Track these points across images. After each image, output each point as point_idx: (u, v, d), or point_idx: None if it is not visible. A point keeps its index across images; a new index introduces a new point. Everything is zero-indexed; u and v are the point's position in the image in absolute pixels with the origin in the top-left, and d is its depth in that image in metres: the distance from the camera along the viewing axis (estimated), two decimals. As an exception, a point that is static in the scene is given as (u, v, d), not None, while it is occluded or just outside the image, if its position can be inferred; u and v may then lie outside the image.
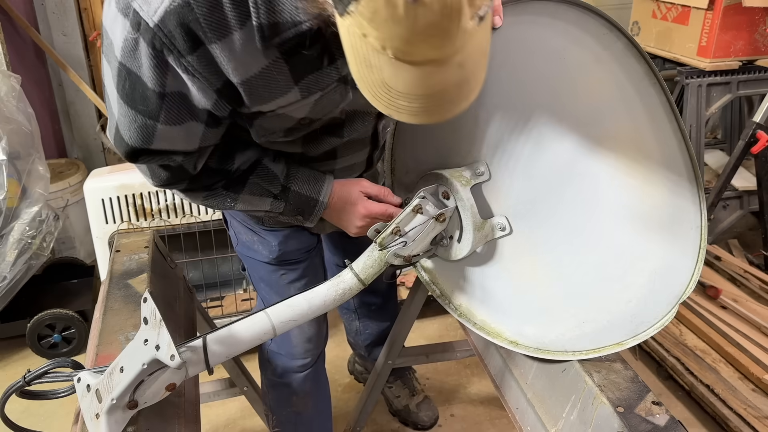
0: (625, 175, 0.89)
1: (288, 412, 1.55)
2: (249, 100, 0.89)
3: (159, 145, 0.93)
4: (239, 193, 1.06)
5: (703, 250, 0.87)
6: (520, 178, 0.99)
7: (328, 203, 1.08)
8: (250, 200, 1.07)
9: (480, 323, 1.14)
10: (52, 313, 2.25)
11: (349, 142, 1.10)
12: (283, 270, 1.31)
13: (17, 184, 2.13)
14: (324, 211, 1.09)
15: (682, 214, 0.87)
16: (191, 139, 0.94)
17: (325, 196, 1.08)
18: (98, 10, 3.09)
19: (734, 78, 2.51)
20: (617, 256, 0.92)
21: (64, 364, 0.96)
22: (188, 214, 1.94)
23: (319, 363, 1.51)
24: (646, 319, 0.93)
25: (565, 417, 0.99)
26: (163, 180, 1.01)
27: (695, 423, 1.94)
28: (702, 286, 2.29)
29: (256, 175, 1.05)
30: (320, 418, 1.61)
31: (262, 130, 0.98)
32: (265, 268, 1.31)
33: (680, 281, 0.89)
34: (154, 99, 0.87)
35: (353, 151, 1.13)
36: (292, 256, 1.29)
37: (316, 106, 0.95)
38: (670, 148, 0.86)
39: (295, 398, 1.51)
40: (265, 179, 1.06)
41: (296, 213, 1.09)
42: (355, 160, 1.16)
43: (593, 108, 0.90)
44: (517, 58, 0.97)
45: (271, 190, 1.06)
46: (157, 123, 0.90)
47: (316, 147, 1.07)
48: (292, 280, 1.32)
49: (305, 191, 1.07)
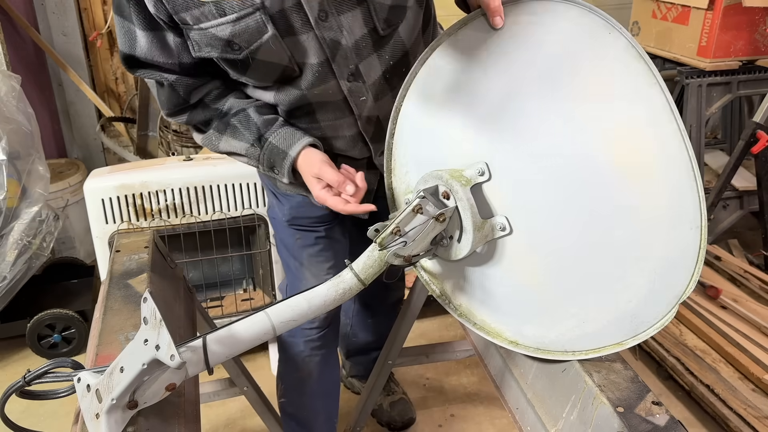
0: (625, 175, 0.89)
1: (294, 378, 1.58)
2: (170, 5, 1.05)
3: (142, 52, 1.13)
4: (223, 133, 1.21)
5: (703, 250, 0.87)
6: (521, 178, 0.99)
7: (295, 159, 1.16)
8: (230, 142, 1.21)
9: (480, 323, 1.14)
10: (52, 313, 2.25)
11: (321, 104, 1.19)
12: (298, 234, 1.43)
13: (17, 184, 2.13)
14: (294, 168, 1.18)
15: (682, 214, 0.87)
16: (166, 51, 1.13)
17: (294, 152, 1.16)
18: (98, 10, 3.09)
19: (734, 78, 2.51)
20: (617, 256, 0.92)
21: (64, 364, 0.96)
22: (188, 214, 1.94)
23: (325, 335, 1.53)
24: (646, 319, 0.93)
25: (565, 417, 0.99)
26: (165, 104, 1.20)
27: (695, 423, 1.94)
28: (702, 286, 2.29)
29: (238, 120, 1.19)
30: (324, 395, 1.63)
31: (197, 46, 1.10)
32: (285, 230, 1.45)
33: (680, 281, 0.89)
34: (125, 4, 1.09)
35: (332, 114, 1.21)
36: (303, 223, 1.41)
37: (236, 28, 1.06)
38: (670, 148, 0.86)
39: (300, 362, 1.54)
40: (244, 125, 1.19)
41: (270, 164, 1.20)
42: (341, 128, 1.24)
43: (593, 108, 0.90)
44: (517, 57, 0.97)
45: (248, 137, 1.19)
46: (133, 26, 1.10)
47: (285, 95, 1.18)
48: (306, 245, 1.43)
49: (279, 144, 1.18)
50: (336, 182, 1.09)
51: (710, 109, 2.53)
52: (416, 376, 2.19)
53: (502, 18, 0.95)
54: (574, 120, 0.92)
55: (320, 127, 1.24)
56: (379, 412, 1.97)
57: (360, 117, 1.23)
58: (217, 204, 1.96)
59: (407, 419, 1.96)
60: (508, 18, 0.96)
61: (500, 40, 0.98)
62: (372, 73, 1.18)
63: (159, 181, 1.89)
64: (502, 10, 0.94)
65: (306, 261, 1.45)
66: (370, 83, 1.19)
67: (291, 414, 1.64)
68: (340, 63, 1.14)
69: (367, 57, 1.16)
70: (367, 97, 1.20)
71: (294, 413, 1.63)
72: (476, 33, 1.01)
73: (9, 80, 2.15)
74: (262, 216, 2.01)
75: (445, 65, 1.06)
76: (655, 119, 0.86)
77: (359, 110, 1.22)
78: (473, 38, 1.01)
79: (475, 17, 1.00)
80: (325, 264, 1.45)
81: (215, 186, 1.94)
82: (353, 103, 1.20)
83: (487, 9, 0.95)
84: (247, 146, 1.20)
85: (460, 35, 1.03)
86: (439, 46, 1.06)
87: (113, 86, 3.23)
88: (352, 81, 1.17)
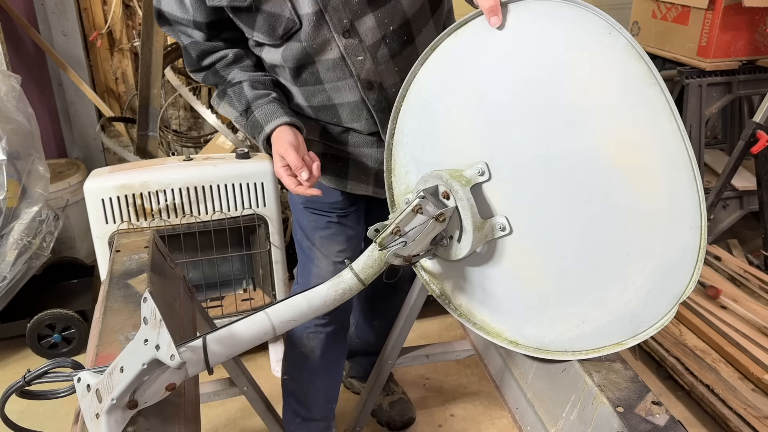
0: (625, 175, 0.89)
1: (297, 354, 1.63)
2: None
3: (165, 7, 1.31)
4: (222, 99, 1.37)
5: (703, 250, 0.87)
6: (521, 178, 0.99)
7: (269, 134, 1.28)
8: (226, 108, 1.37)
9: (480, 323, 1.14)
10: (52, 313, 2.25)
11: (322, 61, 1.29)
12: (312, 216, 1.53)
13: (17, 184, 2.13)
14: (268, 142, 1.29)
15: (682, 214, 0.87)
16: (183, 7, 1.29)
17: (269, 128, 1.27)
18: (98, 10, 3.09)
19: (734, 78, 2.51)
20: (617, 256, 0.92)
21: (64, 364, 0.96)
22: (188, 214, 1.94)
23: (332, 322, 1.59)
24: (646, 319, 0.93)
25: (565, 417, 0.99)
26: (185, 64, 1.39)
27: (695, 423, 1.94)
28: (702, 286, 2.30)
29: (233, 91, 1.34)
30: (325, 373, 1.66)
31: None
32: (301, 212, 1.55)
33: (680, 281, 0.89)
34: None
35: (333, 73, 1.30)
36: (317, 207, 1.51)
37: None
38: (670, 148, 0.86)
39: (305, 338, 1.60)
40: (237, 97, 1.33)
41: (252, 134, 1.32)
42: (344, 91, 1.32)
43: (593, 108, 0.90)
44: (517, 57, 0.97)
45: (238, 107, 1.33)
46: None
47: (290, 51, 1.28)
48: (318, 227, 1.53)
49: (260, 118, 1.29)
50: (294, 165, 1.19)
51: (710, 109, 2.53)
52: (416, 376, 2.19)
53: (499, 18, 0.95)
54: (574, 120, 0.92)
55: (325, 89, 1.33)
56: (379, 412, 1.97)
57: (360, 79, 1.30)
58: (217, 204, 1.96)
59: (407, 419, 1.97)
60: (508, 18, 0.96)
61: (500, 40, 0.98)
62: (369, 34, 1.26)
63: (159, 181, 1.89)
64: (498, 10, 0.94)
65: (317, 242, 1.54)
66: (368, 44, 1.27)
67: (292, 392, 1.69)
68: (332, 15, 1.22)
69: (362, 16, 1.23)
70: (365, 57, 1.28)
71: (295, 391, 1.68)
72: (476, 33, 1.01)
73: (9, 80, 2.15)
74: (262, 216, 2.01)
75: (445, 65, 1.06)
76: (655, 119, 0.86)
77: (357, 71, 1.29)
78: (473, 38, 1.01)
79: (475, 17, 1.00)
80: (336, 246, 1.53)
81: (215, 186, 1.94)
82: (350, 62, 1.28)
83: (483, 9, 0.95)
84: (237, 115, 1.34)
85: (460, 35, 1.03)
86: (439, 46, 1.06)
87: (113, 86, 3.23)
88: (348, 38, 1.25)
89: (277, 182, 2.00)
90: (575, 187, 0.93)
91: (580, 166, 0.92)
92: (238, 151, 2.04)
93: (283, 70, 1.34)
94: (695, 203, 0.86)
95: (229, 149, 2.60)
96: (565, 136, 0.93)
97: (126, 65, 3.20)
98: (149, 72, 2.47)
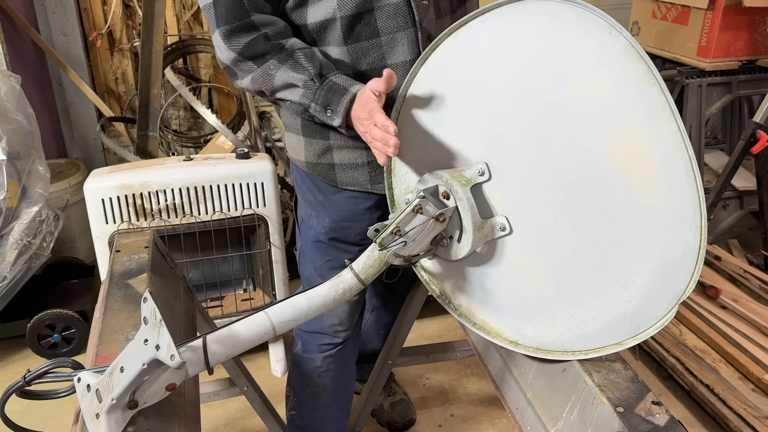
0: (625, 176, 0.89)
1: (306, 393, 1.57)
2: None
3: None
4: (283, 63, 1.19)
5: (703, 250, 0.87)
6: (521, 178, 0.99)
7: (356, 95, 1.14)
8: (288, 73, 1.19)
9: (480, 323, 1.14)
10: (52, 313, 2.25)
11: (383, 6, 1.17)
12: (329, 255, 1.40)
13: (17, 184, 2.13)
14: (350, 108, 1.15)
15: (682, 214, 0.87)
16: None
17: (355, 89, 1.14)
18: (98, 10, 3.09)
19: (734, 78, 2.51)
20: (617, 256, 0.92)
21: (64, 364, 0.96)
22: (188, 214, 1.94)
23: (345, 349, 1.52)
24: (646, 319, 0.93)
25: (565, 417, 0.99)
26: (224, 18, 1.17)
27: (695, 423, 1.94)
28: (702, 286, 2.30)
29: (303, 54, 1.18)
30: (337, 406, 1.61)
31: None
32: (314, 249, 1.41)
33: (680, 281, 0.89)
34: None
35: (393, 21, 1.19)
36: (345, 235, 1.37)
37: None
38: (670, 148, 0.86)
39: (316, 377, 1.53)
40: (309, 59, 1.18)
41: (325, 101, 1.17)
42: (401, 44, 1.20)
43: (593, 108, 0.90)
44: (517, 57, 0.97)
45: (310, 70, 1.17)
46: None
47: None
48: (336, 267, 1.36)
49: (340, 82, 1.17)
50: (383, 124, 1.04)
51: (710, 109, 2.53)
52: (416, 376, 2.19)
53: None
54: (574, 120, 0.92)
55: (380, 44, 1.21)
56: (380, 412, 1.97)
57: (421, 27, 1.20)
58: (217, 204, 1.96)
59: (408, 420, 1.96)
60: (508, 18, 0.96)
61: (501, 40, 0.98)
62: None
63: (159, 181, 1.89)
64: None
65: None
66: None
67: (300, 426, 1.62)
68: None
69: None
70: (429, 3, 1.20)
71: (304, 426, 1.62)
72: (476, 33, 1.01)
73: (9, 80, 2.15)
74: (262, 216, 2.01)
75: (445, 65, 1.06)
76: (655, 119, 0.86)
77: (420, 17, 1.19)
78: (474, 38, 1.01)
79: (475, 17, 1.00)
80: None
81: (215, 186, 1.94)
82: (415, 5, 1.18)
83: None
84: (306, 79, 1.18)
85: (460, 35, 1.03)
86: (440, 45, 1.06)
87: (113, 86, 3.23)
88: None
89: (277, 182, 2.00)
90: (575, 187, 0.93)
91: (580, 166, 0.92)
92: (238, 151, 2.03)
93: (334, 26, 1.19)
94: (695, 203, 0.86)
95: (229, 149, 2.60)
96: (565, 136, 0.93)
97: (126, 65, 3.20)
98: (149, 72, 2.47)
